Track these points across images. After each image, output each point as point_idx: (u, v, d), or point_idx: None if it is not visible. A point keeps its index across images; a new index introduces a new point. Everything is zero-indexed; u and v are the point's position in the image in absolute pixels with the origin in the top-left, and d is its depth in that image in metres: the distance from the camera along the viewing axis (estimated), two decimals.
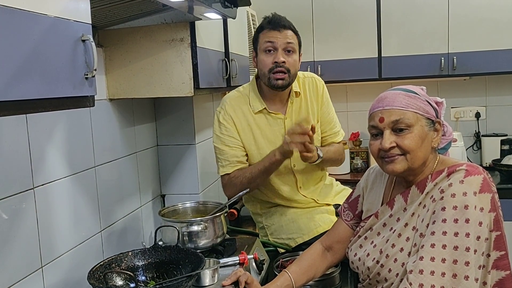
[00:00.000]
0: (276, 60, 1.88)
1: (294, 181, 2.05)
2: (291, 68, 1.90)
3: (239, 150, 1.98)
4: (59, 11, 0.93)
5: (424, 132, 1.34)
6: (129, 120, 2.07)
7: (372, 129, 1.39)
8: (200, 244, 1.78)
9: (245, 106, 1.99)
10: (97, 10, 1.41)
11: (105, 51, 1.92)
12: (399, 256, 1.34)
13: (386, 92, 1.40)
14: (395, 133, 1.34)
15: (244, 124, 1.98)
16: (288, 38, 1.90)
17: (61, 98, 0.95)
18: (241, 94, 2.03)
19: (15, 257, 1.35)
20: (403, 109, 1.33)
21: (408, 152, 1.33)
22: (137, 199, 2.14)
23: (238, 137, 1.98)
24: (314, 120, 2.05)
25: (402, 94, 1.36)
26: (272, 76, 1.89)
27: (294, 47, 1.91)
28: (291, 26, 1.93)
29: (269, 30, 1.91)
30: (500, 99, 3.69)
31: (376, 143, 1.37)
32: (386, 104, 1.35)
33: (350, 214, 1.62)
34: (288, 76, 1.90)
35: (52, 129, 1.55)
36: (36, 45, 0.87)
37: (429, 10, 3.30)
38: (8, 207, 1.32)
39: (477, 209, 1.24)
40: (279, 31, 1.89)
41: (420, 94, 1.37)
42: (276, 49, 1.89)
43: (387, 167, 1.37)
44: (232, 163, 1.98)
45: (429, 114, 1.36)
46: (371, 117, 1.40)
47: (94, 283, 1.33)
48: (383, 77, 3.41)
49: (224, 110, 1.99)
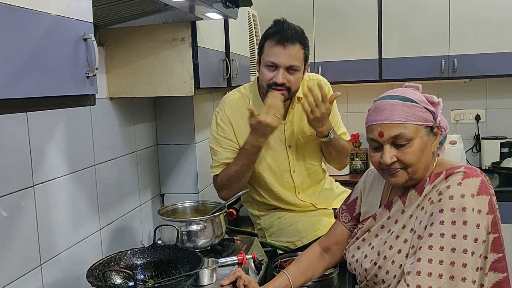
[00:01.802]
0: (275, 81, 1.80)
1: (292, 186, 2.04)
2: (292, 86, 1.84)
3: (232, 152, 1.95)
4: (61, 10, 0.93)
5: (424, 142, 1.33)
6: (129, 119, 2.08)
7: (372, 142, 1.37)
8: (199, 243, 1.79)
9: (245, 108, 1.94)
10: (98, 9, 1.41)
11: (106, 50, 1.92)
12: (397, 258, 1.34)
13: (383, 101, 1.35)
14: (396, 147, 1.32)
15: (242, 127, 1.94)
16: (291, 57, 1.80)
17: (62, 97, 0.95)
18: (241, 95, 2.00)
19: (14, 255, 1.35)
20: (402, 122, 1.30)
21: (409, 166, 1.33)
22: (137, 198, 2.14)
23: (234, 139, 1.95)
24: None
25: (400, 105, 1.32)
26: (270, 90, 1.82)
27: (298, 67, 1.83)
28: (299, 38, 1.82)
29: (275, 44, 1.80)
30: (500, 102, 3.69)
31: (377, 155, 1.36)
32: (385, 118, 1.32)
33: (348, 216, 1.62)
34: (287, 93, 1.84)
35: (53, 127, 1.55)
36: (38, 44, 0.87)
37: (430, 12, 3.30)
38: (7, 205, 1.33)
39: (475, 211, 1.24)
40: (284, 47, 1.79)
41: (418, 101, 1.33)
42: (278, 68, 1.81)
43: (389, 179, 1.38)
44: (222, 165, 1.96)
45: (428, 122, 1.34)
46: (369, 129, 1.37)
47: (93, 281, 1.34)
48: (384, 79, 3.42)
49: (223, 111, 1.96)
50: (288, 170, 2.01)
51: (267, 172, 2.00)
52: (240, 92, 2.01)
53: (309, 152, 2.02)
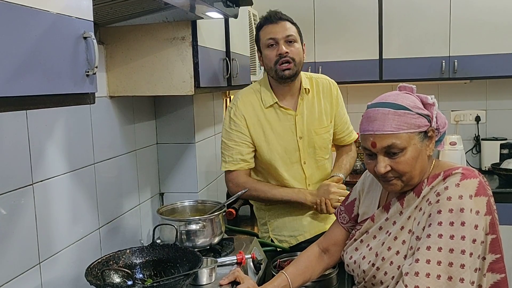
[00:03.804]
0: (280, 52, 1.91)
1: (303, 177, 2.07)
2: (296, 56, 1.93)
3: (245, 146, 2.00)
4: (61, 8, 0.93)
5: (418, 150, 1.32)
6: (129, 118, 2.08)
7: (366, 150, 1.37)
8: (198, 243, 1.79)
9: (257, 101, 2.02)
10: (99, 7, 1.41)
11: (106, 48, 1.92)
12: (395, 259, 1.34)
13: (375, 109, 1.34)
14: (389, 157, 1.32)
15: (254, 120, 2.00)
16: (287, 29, 1.93)
17: (62, 95, 0.95)
18: (253, 90, 2.07)
19: (13, 253, 1.35)
20: (394, 132, 1.29)
21: (403, 175, 1.33)
22: (136, 197, 2.14)
23: (247, 132, 2.00)
24: (327, 120, 2.07)
25: (392, 114, 1.30)
26: (279, 68, 1.92)
27: (294, 37, 1.94)
28: (287, 18, 1.97)
29: (267, 25, 1.95)
30: (501, 103, 3.69)
31: (372, 163, 1.36)
32: (377, 129, 1.31)
33: (346, 217, 1.62)
34: (294, 65, 1.93)
35: (52, 125, 1.55)
36: (38, 42, 0.87)
37: (431, 13, 3.30)
38: (6, 203, 1.33)
39: (473, 212, 1.24)
40: (277, 23, 1.93)
41: (411, 107, 1.31)
42: (278, 42, 1.92)
43: (385, 187, 1.40)
44: (235, 161, 2.01)
45: (421, 127, 1.32)
46: (362, 138, 1.37)
47: (91, 280, 1.34)
48: (384, 79, 3.42)
49: (236, 106, 2.02)
50: (298, 161, 2.04)
51: (278, 163, 2.03)
52: (252, 88, 2.09)
53: (319, 144, 2.07)
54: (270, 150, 2.00)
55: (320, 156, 2.08)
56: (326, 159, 2.12)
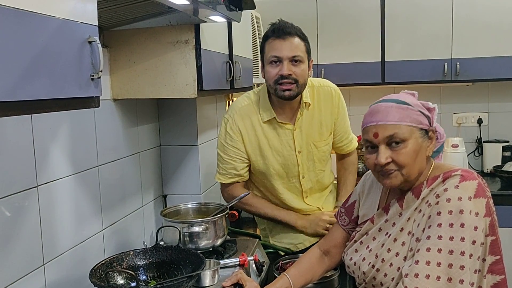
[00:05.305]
0: (281, 73, 1.82)
1: (300, 191, 2.05)
2: (299, 78, 1.84)
3: (240, 162, 1.98)
4: (67, 13, 0.94)
5: (419, 144, 1.34)
6: (132, 120, 2.09)
7: (367, 143, 1.38)
8: (201, 244, 1.80)
9: (254, 116, 1.96)
10: (103, 11, 1.42)
11: (110, 52, 1.93)
12: (395, 261, 1.35)
13: (378, 104, 1.38)
14: (390, 147, 1.33)
15: (251, 135, 1.95)
16: (293, 49, 1.82)
17: (67, 99, 0.96)
18: (251, 102, 1.99)
19: (17, 255, 1.36)
20: (397, 123, 1.32)
21: (404, 167, 1.34)
22: (139, 199, 2.15)
23: (243, 148, 1.97)
24: (327, 132, 2.02)
25: (395, 107, 1.33)
26: (279, 87, 1.84)
27: (301, 58, 1.84)
28: (297, 32, 1.86)
29: (274, 39, 1.84)
30: (503, 105, 3.69)
31: (372, 157, 1.37)
32: (380, 119, 1.33)
33: (346, 219, 1.63)
34: (296, 87, 1.84)
35: (56, 128, 1.56)
36: (44, 47, 0.88)
37: (433, 15, 3.31)
38: (11, 205, 1.34)
39: (472, 213, 1.25)
40: (284, 40, 1.82)
41: (413, 105, 1.35)
42: (282, 61, 1.83)
43: (384, 181, 1.38)
44: (229, 174, 2.00)
45: (422, 125, 1.35)
46: (364, 131, 1.38)
47: (95, 281, 1.35)
48: (386, 82, 3.42)
49: (233, 119, 1.97)
50: (297, 175, 2.01)
51: (274, 178, 2.00)
52: (249, 99, 2.01)
53: (318, 157, 2.02)
54: (266, 165, 1.97)
55: (320, 168, 2.05)
56: (327, 170, 2.10)
